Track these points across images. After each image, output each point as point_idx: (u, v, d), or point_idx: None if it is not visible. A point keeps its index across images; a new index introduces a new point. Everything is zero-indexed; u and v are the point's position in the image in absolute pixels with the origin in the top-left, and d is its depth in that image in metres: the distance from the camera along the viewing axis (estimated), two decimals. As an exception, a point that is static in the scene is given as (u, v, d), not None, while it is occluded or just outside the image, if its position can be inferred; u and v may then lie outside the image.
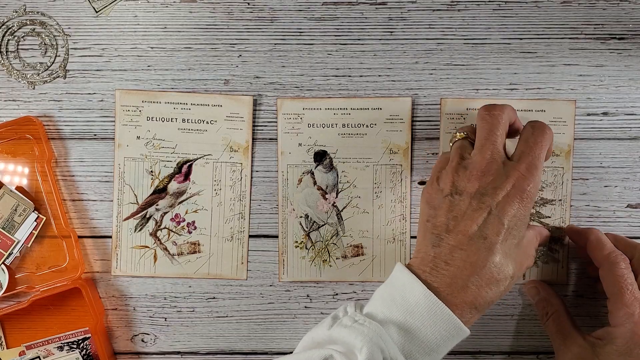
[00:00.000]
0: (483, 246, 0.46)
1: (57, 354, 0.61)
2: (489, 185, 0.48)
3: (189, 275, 0.62)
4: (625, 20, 0.60)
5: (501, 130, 0.50)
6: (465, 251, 0.47)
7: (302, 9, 0.61)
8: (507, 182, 0.48)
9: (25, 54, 0.62)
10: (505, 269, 0.47)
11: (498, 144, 0.50)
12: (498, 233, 0.47)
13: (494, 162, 0.49)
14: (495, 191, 0.48)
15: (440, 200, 0.50)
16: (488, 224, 0.47)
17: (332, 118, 0.61)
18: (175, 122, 0.62)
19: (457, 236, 0.47)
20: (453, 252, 0.47)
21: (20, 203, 0.60)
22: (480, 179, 0.48)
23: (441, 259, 0.47)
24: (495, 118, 0.50)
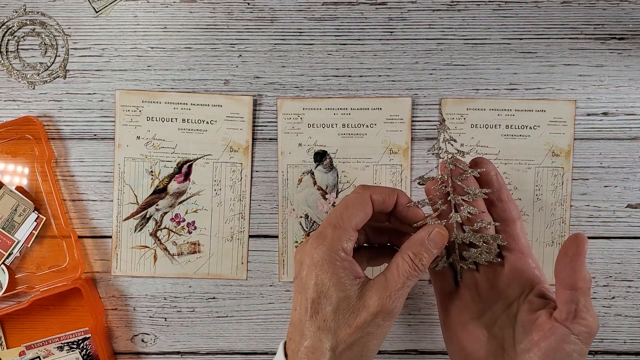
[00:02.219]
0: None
1: (57, 354, 0.61)
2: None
3: (189, 275, 0.62)
4: (625, 20, 0.60)
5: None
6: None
7: (302, 9, 0.61)
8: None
9: (25, 54, 0.62)
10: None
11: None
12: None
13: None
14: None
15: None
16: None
17: (332, 118, 0.61)
18: (175, 122, 0.62)
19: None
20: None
21: (20, 203, 0.60)
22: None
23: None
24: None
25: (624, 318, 0.62)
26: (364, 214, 0.45)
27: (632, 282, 0.62)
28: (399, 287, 0.42)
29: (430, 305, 0.62)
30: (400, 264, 0.43)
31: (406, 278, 0.43)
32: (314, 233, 0.45)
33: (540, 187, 0.61)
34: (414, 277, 0.43)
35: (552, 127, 0.61)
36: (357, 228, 0.45)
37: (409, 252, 0.44)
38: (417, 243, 0.44)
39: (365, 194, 0.45)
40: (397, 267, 0.43)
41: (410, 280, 0.43)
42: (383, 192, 0.46)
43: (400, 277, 0.43)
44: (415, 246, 0.44)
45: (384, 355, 0.63)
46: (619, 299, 0.62)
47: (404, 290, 0.43)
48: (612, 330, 0.62)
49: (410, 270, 0.43)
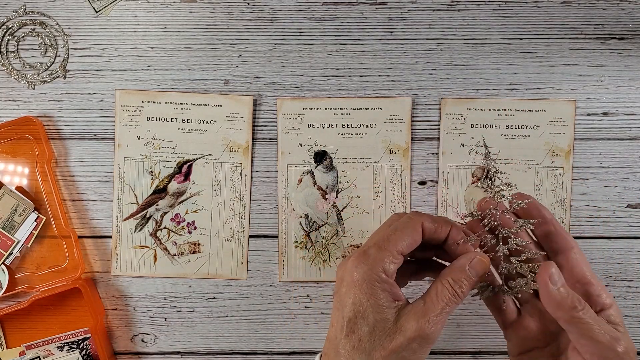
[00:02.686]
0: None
1: (57, 354, 0.61)
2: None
3: (189, 275, 0.62)
4: (625, 20, 0.60)
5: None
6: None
7: (302, 9, 0.61)
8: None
9: (25, 54, 0.62)
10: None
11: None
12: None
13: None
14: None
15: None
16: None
17: (332, 118, 0.61)
18: (175, 122, 0.62)
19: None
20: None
21: (20, 203, 0.60)
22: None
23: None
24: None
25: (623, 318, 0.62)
26: (412, 240, 0.43)
27: (632, 282, 0.62)
28: (437, 313, 0.41)
29: (430, 305, 0.62)
30: (440, 289, 0.42)
31: (445, 304, 0.41)
32: (357, 250, 0.44)
33: (540, 187, 0.61)
34: (452, 304, 0.42)
35: (552, 127, 0.61)
36: (403, 253, 0.43)
37: (449, 277, 0.42)
38: (457, 269, 0.43)
39: (416, 220, 0.44)
40: (436, 293, 0.42)
41: (449, 306, 0.42)
42: (436, 221, 0.44)
43: (439, 303, 0.41)
44: (456, 272, 0.42)
45: (384, 355, 0.63)
46: (619, 299, 0.62)
47: (442, 317, 0.41)
48: (612, 330, 0.62)
49: (449, 296, 0.42)
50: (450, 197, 0.61)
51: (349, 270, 0.43)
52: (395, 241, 0.43)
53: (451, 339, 0.63)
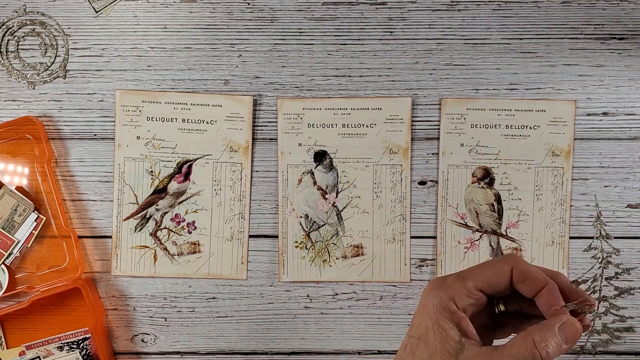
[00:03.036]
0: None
1: (57, 354, 0.61)
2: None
3: (189, 275, 0.62)
4: (625, 20, 0.60)
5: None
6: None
7: (302, 9, 0.61)
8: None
9: (25, 54, 0.62)
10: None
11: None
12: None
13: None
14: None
15: None
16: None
17: (332, 118, 0.61)
18: (175, 122, 0.62)
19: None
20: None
21: (20, 203, 0.60)
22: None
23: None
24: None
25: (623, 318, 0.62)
26: (495, 279, 0.41)
27: (632, 282, 0.62)
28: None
29: (430, 305, 0.62)
30: (519, 342, 0.39)
31: (516, 359, 0.38)
32: (437, 277, 0.43)
33: (540, 187, 0.61)
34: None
35: (552, 127, 0.61)
36: (484, 291, 0.41)
37: (535, 334, 0.39)
38: (547, 328, 0.39)
39: (507, 262, 0.41)
40: (513, 344, 0.39)
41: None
42: (528, 270, 0.41)
43: (512, 356, 0.38)
44: (544, 331, 0.39)
45: (384, 355, 0.63)
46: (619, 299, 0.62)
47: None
48: (612, 330, 0.62)
49: (526, 353, 0.38)
50: (450, 197, 0.61)
51: (424, 293, 0.42)
52: (477, 275, 0.41)
53: (451, 339, 0.62)
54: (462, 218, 0.62)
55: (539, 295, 0.41)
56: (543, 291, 0.41)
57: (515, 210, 0.61)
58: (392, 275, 0.62)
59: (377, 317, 0.62)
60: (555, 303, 0.40)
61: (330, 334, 0.63)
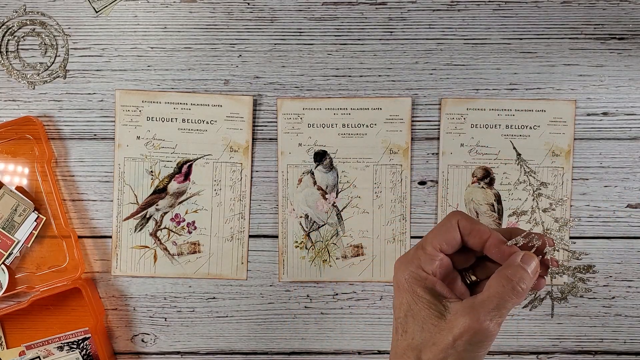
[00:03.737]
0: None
1: (57, 354, 0.61)
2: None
3: (189, 275, 0.62)
4: (625, 20, 0.60)
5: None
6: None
7: (302, 9, 0.61)
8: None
9: (25, 54, 0.62)
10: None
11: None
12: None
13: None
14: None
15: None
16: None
17: (332, 118, 0.61)
18: (175, 122, 0.62)
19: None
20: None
21: (20, 203, 0.60)
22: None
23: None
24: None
25: (624, 318, 0.62)
26: (449, 237, 0.43)
27: (632, 282, 0.62)
28: (490, 309, 0.39)
29: (430, 305, 0.62)
30: (494, 284, 0.40)
31: (501, 299, 0.40)
32: (400, 256, 0.45)
33: (540, 187, 0.61)
34: (512, 299, 0.40)
35: (552, 127, 0.61)
36: (444, 251, 0.43)
37: (507, 271, 0.41)
38: (514, 266, 0.41)
39: (452, 217, 0.44)
40: (489, 288, 0.40)
41: (508, 302, 0.40)
42: (473, 222, 0.43)
43: (494, 298, 0.40)
44: (513, 268, 0.41)
45: (384, 355, 0.63)
46: (619, 299, 0.62)
47: (498, 313, 0.40)
48: (612, 330, 0.62)
49: (508, 291, 0.40)
50: (450, 197, 0.61)
51: (395, 276, 0.44)
52: (431, 239, 0.43)
53: (451, 339, 0.62)
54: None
55: (488, 245, 0.43)
56: (490, 240, 0.43)
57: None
58: (392, 275, 0.62)
59: (377, 317, 0.62)
60: (505, 245, 0.42)
61: (330, 334, 0.63)
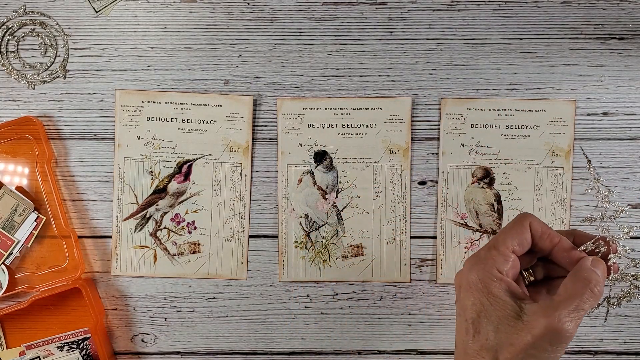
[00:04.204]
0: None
1: (57, 354, 0.61)
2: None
3: (189, 275, 0.62)
4: (625, 20, 0.60)
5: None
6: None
7: (302, 9, 0.61)
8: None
9: (25, 54, 0.62)
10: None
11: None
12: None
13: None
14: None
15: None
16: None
17: (332, 118, 0.61)
18: (175, 122, 0.62)
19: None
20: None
21: (20, 203, 0.60)
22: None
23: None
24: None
25: (624, 318, 0.62)
26: (521, 238, 0.43)
27: (632, 282, 0.62)
28: (570, 310, 0.40)
29: (430, 306, 0.62)
30: (571, 286, 0.41)
31: (580, 300, 0.40)
32: (469, 256, 0.45)
33: (540, 187, 0.61)
34: (587, 301, 0.40)
35: (552, 127, 0.61)
36: (515, 252, 0.43)
37: (581, 273, 0.41)
38: (587, 269, 0.42)
39: (524, 219, 0.44)
40: (566, 289, 0.41)
41: (586, 303, 0.40)
42: (544, 225, 0.44)
43: (573, 299, 0.40)
44: (587, 271, 0.41)
45: (384, 355, 0.63)
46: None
47: (576, 315, 0.40)
48: (612, 330, 0.62)
49: (583, 290, 0.40)
50: (450, 197, 0.61)
51: (464, 275, 0.43)
52: (504, 239, 0.43)
53: (451, 339, 0.63)
54: (462, 218, 0.62)
55: (557, 250, 0.44)
56: (559, 244, 0.44)
57: (515, 210, 0.61)
58: (392, 275, 0.62)
59: (377, 317, 0.62)
60: (573, 249, 0.43)
61: (330, 334, 0.63)
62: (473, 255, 0.44)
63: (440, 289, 0.62)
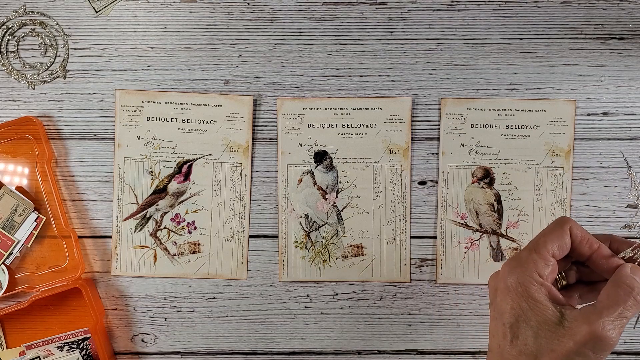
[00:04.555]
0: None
1: (57, 354, 0.61)
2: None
3: (189, 275, 0.62)
4: (625, 20, 0.60)
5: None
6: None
7: (302, 9, 0.61)
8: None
9: (25, 54, 0.62)
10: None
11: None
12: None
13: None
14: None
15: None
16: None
17: (332, 118, 0.61)
18: (175, 122, 0.62)
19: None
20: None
21: (20, 203, 0.60)
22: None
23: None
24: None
25: (624, 318, 0.62)
26: (561, 243, 0.43)
27: (632, 282, 0.62)
28: (614, 316, 0.39)
29: (430, 306, 0.62)
30: (613, 293, 0.40)
31: (624, 307, 0.39)
32: (508, 259, 0.44)
33: (540, 187, 0.61)
34: (632, 308, 0.40)
35: (552, 127, 0.61)
36: (555, 256, 0.42)
37: (622, 281, 0.41)
38: (628, 277, 0.41)
39: (564, 223, 0.43)
40: (608, 296, 0.40)
41: (629, 310, 0.40)
42: (583, 230, 0.43)
43: (617, 306, 0.39)
44: (628, 279, 0.41)
45: (384, 355, 0.63)
46: (619, 299, 0.62)
47: (620, 322, 0.39)
48: (612, 330, 0.62)
49: (626, 297, 0.40)
50: (450, 197, 0.61)
51: (502, 278, 0.43)
52: (545, 243, 0.42)
53: (451, 339, 0.63)
54: (462, 218, 0.62)
55: (595, 256, 0.43)
56: (598, 251, 0.43)
57: (515, 210, 0.61)
58: (392, 275, 0.62)
59: (377, 317, 0.62)
60: (612, 256, 0.43)
61: (330, 334, 0.63)
62: (512, 257, 0.43)
63: (440, 289, 0.62)
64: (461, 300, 0.62)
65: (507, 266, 0.43)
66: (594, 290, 0.47)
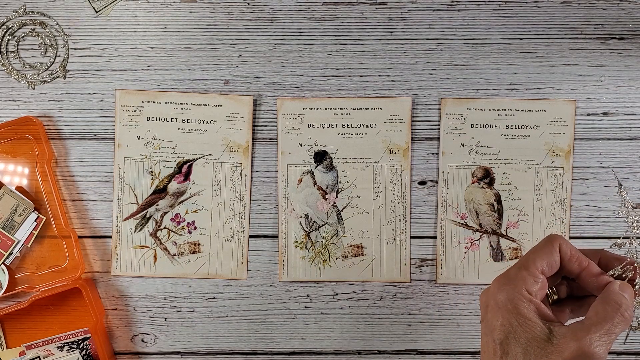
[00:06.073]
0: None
1: (57, 354, 0.61)
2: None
3: (189, 275, 0.62)
4: (625, 20, 0.60)
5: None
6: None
7: (302, 9, 0.61)
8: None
9: (25, 54, 0.62)
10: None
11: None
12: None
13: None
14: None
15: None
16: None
17: (332, 118, 0.61)
18: (175, 122, 0.62)
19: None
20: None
21: (20, 203, 0.60)
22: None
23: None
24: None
25: (624, 318, 0.62)
26: (551, 260, 0.43)
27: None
28: (601, 334, 0.39)
29: (430, 306, 0.62)
30: (602, 310, 0.41)
31: (612, 324, 0.40)
32: (498, 276, 0.44)
33: (540, 187, 0.61)
34: (618, 325, 0.40)
35: (552, 127, 0.61)
36: (544, 273, 0.43)
37: (611, 297, 0.41)
38: (616, 294, 0.41)
39: (554, 241, 0.44)
40: (596, 313, 0.41)
41: (617, 327, 0.40)
42: (573, 248, 0.44)
43: (604, 323, 0.40)
44: (617, 296, 0.41)
45: (384, 355, 0.63)
46: (619, 299, 0.62)
47: (607, 339, 0.40)
48: (612, 330, 0.62)
49: (614, 314, 0.40)
50: (450, 197, 0.61)
51: (492, 294, 0.43)
52: (534, 260, 0.43)
53: (451, 339, 0.63)
54: (462, 218, 0.62)
55: (585, 274, 0.43)
56: (588, 268, 0.43)
57: (515, 210, 0.61)
58: (392, 275, 0.62)
59: (377, 317, 0.62)
60: (601, 274, 0.43)
61: (330, 334, 0.63)
62: (501, 274, 0.44)
63: (440, 289, 0.62)
64: (461, 300, 0.62)
65: (497, 283, 0.43)
66: (585, 305, 0.47)
